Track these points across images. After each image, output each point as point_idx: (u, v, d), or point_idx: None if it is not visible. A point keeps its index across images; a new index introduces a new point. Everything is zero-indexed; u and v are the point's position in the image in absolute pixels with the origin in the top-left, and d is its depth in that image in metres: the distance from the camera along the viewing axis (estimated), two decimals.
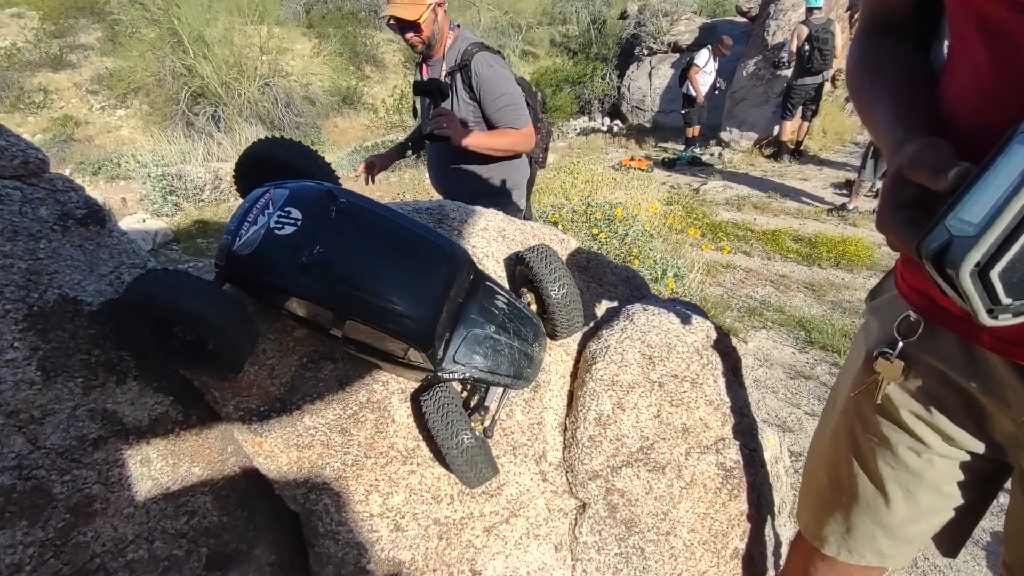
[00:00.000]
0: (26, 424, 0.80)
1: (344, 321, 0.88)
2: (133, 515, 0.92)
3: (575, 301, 1.11)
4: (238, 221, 0.89)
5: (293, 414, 1.03)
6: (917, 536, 1.09)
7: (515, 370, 1.04)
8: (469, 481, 1.03)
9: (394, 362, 0.96)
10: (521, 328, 1.05)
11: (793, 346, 4.49)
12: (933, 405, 0.93)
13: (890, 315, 0.96)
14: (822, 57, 7.54)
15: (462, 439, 0.98)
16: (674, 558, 1.30)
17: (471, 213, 1.28)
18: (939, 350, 0.89)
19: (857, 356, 1.05)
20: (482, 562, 1.14)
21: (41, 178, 0.85)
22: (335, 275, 0.86)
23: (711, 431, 1.33)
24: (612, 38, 13.67)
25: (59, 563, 0.82)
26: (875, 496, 1.05)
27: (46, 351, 0.82)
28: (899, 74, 0.83)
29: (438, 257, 0.94)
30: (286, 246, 0.85)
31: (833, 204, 6.86)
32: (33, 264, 0.82)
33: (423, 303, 0.90)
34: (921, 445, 0.97)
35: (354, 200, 0.91)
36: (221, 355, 0.88)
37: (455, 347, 0.99)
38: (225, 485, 1.07)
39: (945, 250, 0.52)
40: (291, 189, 0.90)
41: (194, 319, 0.81)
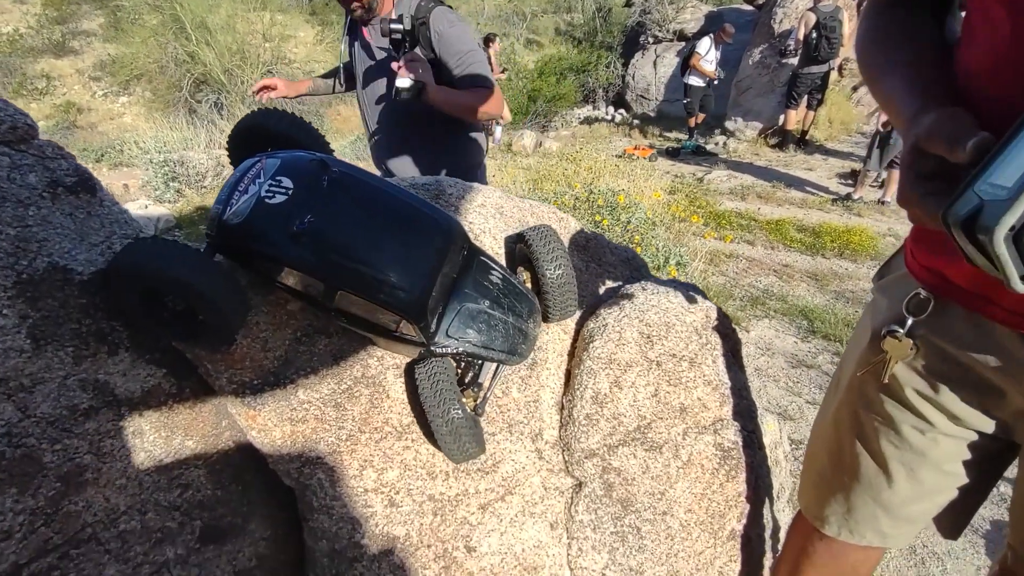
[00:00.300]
0: (15, 392, 0.80)
1: (336, 292, 0.87)
2: (125, 486, 0.92)
3: (570, 284, 1.10)
4: (229, 190, 0.88)
5: (287, 388, 1.02)
6: (918, 516, 1.08)
7: (509, 346, 1.03)
8: (453, 455, 1.02)
9: (386, 336, 0.95)
10: (516, 304, 1.04)
11: (795, 335, 4.48)
12: (940, 384, 0.92)
13: (899, 293, 0.94)
14: (829, 45, 7.46)
15: (450, 412, 0.97)
16: (670, 538, 1.30)
17: (468, 189, 1.26)
18: (949, 328, 0.88)
19: (863, 335, 1.03)
20: (477, 539, 1.14)
21: (30, 144, 0.84)
22: (326, 245, 0.84)
23: (709, 411, 1.32)
24: (617, 26, 13.56)
25: (50, 531, 0.81)
26: (877, 475, 1.05)
27: (36, 319, 0.82)
28: (912, 46, 0.82)
29: (432, 229, 0.92)
30: (277, 215, 0.84)
31: (838, 194, 6.82)
32: (22, 231, 0.81)
33: (416, 275, 0.89)
34: (926, 424, 0.96)
35: (347, 170, 0.90)
36: (212, 326, 0.87)
37: (448, 321, 0.98)
38: (219, 459, 1.07)
39: (976, 216, 0.51)
40: (283, 159, 0.89)
41: (183, 288, 0.80)
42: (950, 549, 2.76)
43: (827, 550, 1.20)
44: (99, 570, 0.87)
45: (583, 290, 1.39)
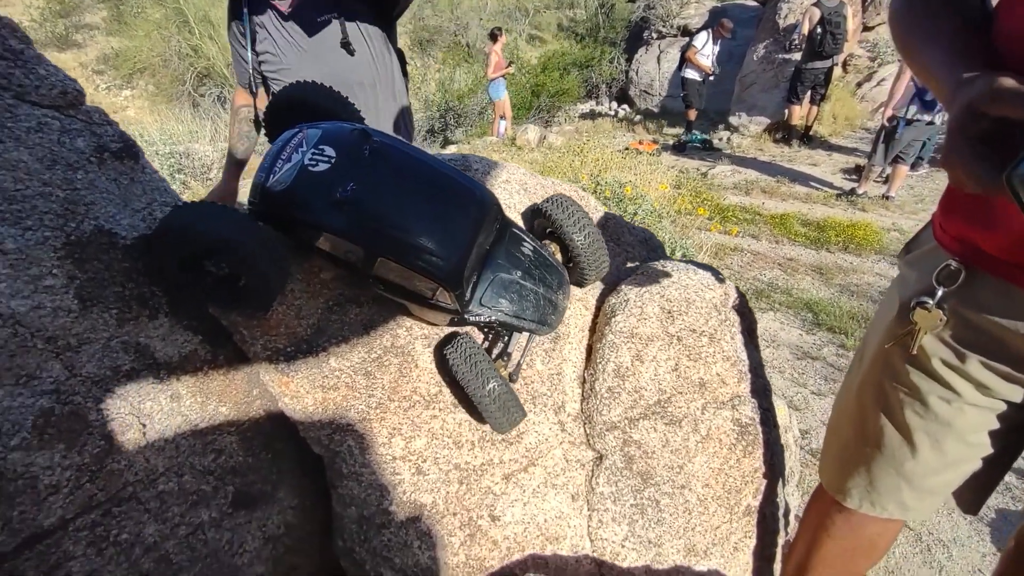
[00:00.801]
0: (63, 351, 0.82)
1: (375, 259, 0.89)
2: (163, 448, 0.94)
3: (599, 242, 1.12)
4: (272, 159, 0.89)
5: (319, 356, 1.04)
6: (940, 487, 1.10)
7: (540, 316, 1.05)
8: (501, 426, 1.05)
9: (422, 303, 0.97)
10: (546, 275, 1.06)
11: (800, 328, 4.50)
12: (968, 353, 0.94)
13: (928, 266, 0.96)
14: (834, 41, 7.46)
15: (492, 386, 1.00)
16: (688, 512, 1.32)
17: (493, 166, 1.28)
18: (980, 298, 0.90)
19: (890, 309, 1.05)
20: (501, 508, 1.16)
21: (78, 109, 0.86)
22: (368, 212, 0.86)
23: (727, 387, 1.34)
24: (620, 22, 13.56)
25: (94, 488, 0.84)
26: (901, 446, 1.06)
27: (83, 280, 0.84)
28: (951, 14, 0.83)
29: (468, 200, 0.94)
30: (320, 183, 0.86)
31: (842, 189, 6.83)
32: (71, 194, 0.83)
33: (453, 244, 0.91)
34: (952, 394, 0.98)
35: (386, 140, 0.92)
36: (252, 290, 0.89)
37: (482, 290, 1.00)
38: (250, 427, 1.09)
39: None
40: (324, 129, 0.91)
41: (231, 250, 0.82)
42: (956, 536, 2.79)
43: (846, 523, 1.23)
44: (139, 528, 0.89)
45: None
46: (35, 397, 0.78)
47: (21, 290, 0.78)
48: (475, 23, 15.71)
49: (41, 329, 0.79)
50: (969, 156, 0.64)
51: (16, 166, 0.78)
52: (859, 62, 9.26)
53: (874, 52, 9.20)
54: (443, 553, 1.10)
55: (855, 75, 9.20)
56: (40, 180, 0.80)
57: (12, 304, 0.76)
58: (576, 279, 1.17)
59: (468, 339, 1.03)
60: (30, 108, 0.80)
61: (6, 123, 0.77)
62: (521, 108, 11.30)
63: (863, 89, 8.93)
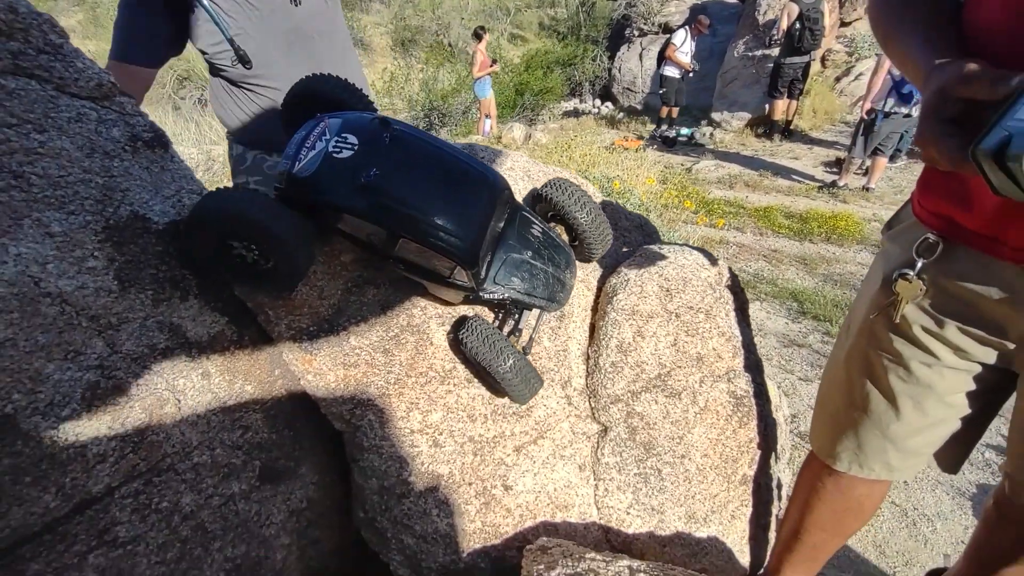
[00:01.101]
0: (105, 329, 0.86)
1: (397, 240, 0.95)
2: (196, 423, 0.99)
3: (601, 217, 1.18)
4: (297, 147, 0.95)
5: (340, 334, 1.09)
6: (923, 447, 1.18)
7: (549, 293, 1.11)
8: (522, 396, 1.11)
9: (439, 281, 1.02)
10: (555, 255, 1.12)
11: (786, 316, 4.61)
12: (946, 320, 1.02)
13: (908, 239, 1.04)
14: (813, 37, 7.62)
15: (511, 361, 1.06)
16: (688, 481, 1.39)
17: (498, 153, 1.34)
18: (957, 268, 0.98)
19: (874, 281, 1.13)
20: (513, 478, 1.22)
21: (112, 101, 0.90)
22: (390, 195, 0.92)
23: (723, 361, 1.41)
24: (602, 20, 13.67)
25: (137, 458, 0.88)
26: (887, 410, 1.14)
27: (121, 263, 0.88)
28: (927, 3, 0.91)
29: (481, 183, 1.00)
30: (344, 168, 0.91)
31: (824, 181, 6.99)
32: (108, 181, 0.88)
33: (470, 224, 0.97)
34: (932, 358, 1.06)
35: (404, 128, 0.97)
36: (279, 271, 0.94)
37: (495, 269, 1.06)
38: (273, 405, 1.14)
39: (1005, 146, 0.59)
40: (345, 118, 0.96)
41: (263, 231, 0.87)
42: (939, 511, 2.90)
43: (836, 486, 1.30)
44: (177, 497, 0.94)
45: None
46: (82, 371, 0.83)
47: (67, 271, 0.82)
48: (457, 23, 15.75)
49: (85, 308, 0.84)
50: (940, 134, 0.71)
51: (60, 154, 0.82)
52: (837, 57, 9.45)
53: (851, 47, 9.39)
54: (460, 520, 1.16)
55: (833, 70, 9.38)
56: (81, 167, 0.85)
57: (60, 284, 0.81)
58: (584, 255, 1.23)
59: (480, 320, 1.09)
60: (70, 99, 0.85)
61: (50, 114, 0.82)
62: (506, 107, 11.37)
63: (841, 84, 9.12)
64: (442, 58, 14.50)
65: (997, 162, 0.60)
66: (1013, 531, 1.20)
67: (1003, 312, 0.95)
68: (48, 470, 0.79)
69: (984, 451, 3.22)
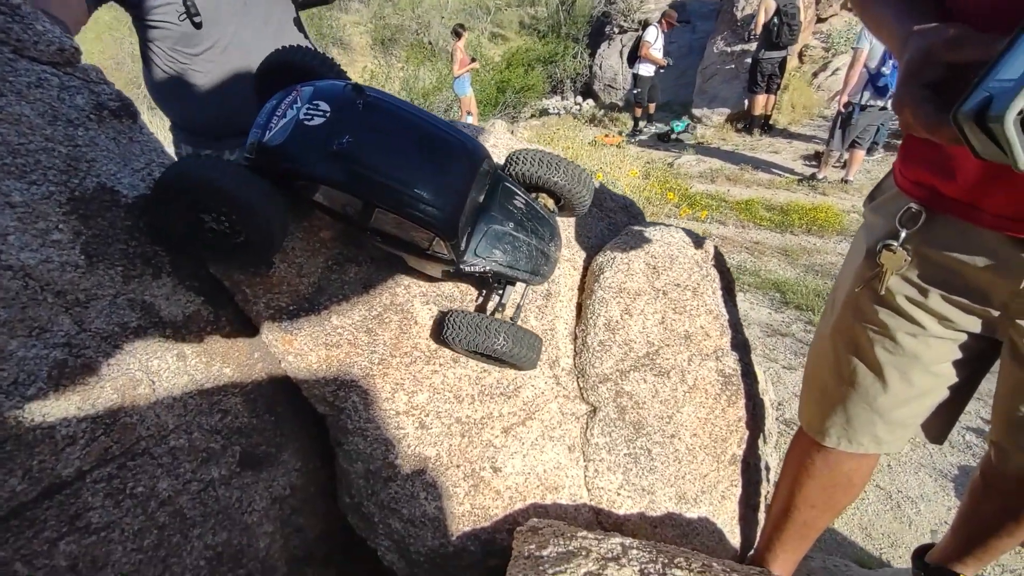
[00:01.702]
0: (72, 306, 0.82)
1: (372, 210, 0.92)
2: (172, 406, 0.95)
3: (575, 169, 1.14)
4: (267, 116, 0.91)
5: (321, 314, 1.06)
6: (910, 418, 1.18)
7: (532, 266, 1.08)
8: (530, 361, 1.10)
9: (418, 254, 0.99)
10: (538, 227, 1.09)
11: (769, 307, 4.65)
12: (931, 289, 1.01)
13: (891, 210, 1.04)
14: (790, 32, 7.70)
15: (501, 335, 1.04)
16: (678, 461, 1.38)
17: (480, 131, 1.32)
18: (939, 236, 0.97)
19: (858, 254, 1.12)
20: (501, 460, 1.19)
21: (76, 67, 0.86)
22: (364, 163, 0.89)
23: (711, 340, 1.40)
24: (582, 18, 13.70)
25: (109, 440, 0.85)
26: (874, 383, 1.14)
27: (88, 236, 0.85)
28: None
29: (460, 152, 0.97)
30: (316, 136, 0.88)
31: (803, 175, 7.06)
32: (72, 150, 0.84)
33: (448, 194, 0.94)
34: (918, 328, 1.06)
35: (379, 95, 0.94)
36: (252, 244, 0.90)
37: (476, 241, 1.03)
38: (253, 389, 1.10)
39: (985, 108, 0.58)
40: (317, 86, 0.93)
41: (230, 199, 0.83)
42: (923, 493, 2.93)
43: (825, 462, 1.30)
44: (154, 482, 0.90)
45: (588, 230, 1.46)
46: (48, 349, 0.79)
47: (29, 243, 0.78)
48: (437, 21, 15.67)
49: (50, 283, 0.80)
50: (920, 99, 0.70)
51: (19, 120, 0.78)
52: (814, 52, 9.56)
53: (828, 43, 9.51)
54: (449, 503, 1.14)
55: (811, 65, 9.49)
56: (42, 135, 0.81)
57: (22, 256, 0.77)
58: (575, 209, 1.19)
59: (458, 312, 1.07)
60: (29, 63, 0.81)
61: (7, 77, 0.78)
62: (487, 105, 11.34)
63: (819, 78, 9.22)
64: (422, 57, 14.42)
65: (979, 124, 0.59)
66: (999, 501, 1.21)
67: (986, 279, 0.94)
68: (13, 452, 0.75)
69: (965, 434, 3.26)
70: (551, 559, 0.96)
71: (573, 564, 0.94)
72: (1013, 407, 1.04)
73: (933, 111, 0.68)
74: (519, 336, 1.05)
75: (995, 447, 1.14)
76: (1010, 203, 0.86)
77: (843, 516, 2.77)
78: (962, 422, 3.32)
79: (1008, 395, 1.05)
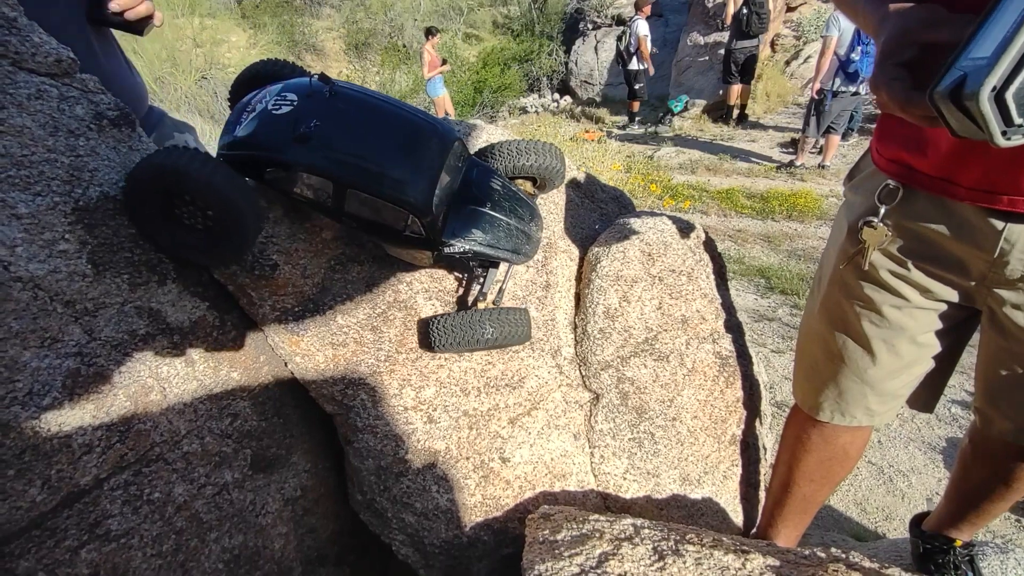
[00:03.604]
0: (82, 315, 0.83)
1: (345, 192, 0.92)
2: (183, 411, 0.95)
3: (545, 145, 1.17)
4: (237, 114, 0.93)
5: (326, 314, 1.07)
6: (899, 389, 1.21)
7: (513, 244, 1.09)
8: (522, 336, 1.12)
9: (396, 237, 0.99)
10: (517, 207, 1.10)
11: (755, 293, 4.71)
12: (911, 261, 1.05)
13: (870, 188, 1.07)
14: (759, 20, 7.79)
15: (487, 324, 1.05)
16: (680, 443, 1.40)
17: (471, 128, 1.33)
18: (917, 211, 1.01)
19: (840, 232, 1.16)
20: (509, 451, 1.21)
21: (74, 78, 0.86)
22: (333, 145, 0.89)
23: (707, 323, 1.43)
24: (555, 15, 13.74)
25: (124, 448, 0.85)
26: (863, 356, 1.17)
27: (94, 246, 0.85)
28: None
29: (429, 132, 0.98)
30: (283, 122, 0.89)
31: (781, 162, 7.15)
32: (75, 160, 0.84)
33: (419, 171, 0.94)
34: (902, 300, 1.09)
35: (347, 85, 0.96)
36: (225, 233, 0.89)
37: (454, 222, 1.04)
38: (261, 392, 1.11)
39: (960, 86, 0.60)
40: (286, 82, 0.95)
41: (201, 187, 0.83)
42: (913, 467, 3.00)
43: (820, 436, 1.33)
44: (169, 488, 0.91)
45: (581, 221, 1.48)
46: (61, 359, 0.79)
47: (37, 254, 0.78)
48: (410, 24, 15.61)
49: (59, 293, 0.80)
50: (894, 78, 0.73)
51: (21, 132, 0.78)
52: (786, 41, 9.69)
53: (799, 31, 9.64)
54: (460, 495, 1.15)
55: (783, 54, 9.62)
56: (44, 146, 0.81)
57: (30, 268, 0.77)
58: (554, 182, 1.22)
59: (440, 317, 1.08)
60: (27, 75, 0.81)
61: (7, 89, 0.78)
62: (465, 105, 11.35)
63: (792, 67, 9.35)
64: (397, 60, 14.37)
65: (955, 102, 0.61)
66: (987, 467, 1.25)
67: (963, 251, 0.98)
68: (32, 462, 0.75)
69: (951, 407, 3.34)
70: (566, 542, 0.98)
71: (588, 546, 0.96)
72: (993, 373, 1.08)
73: (909, 90, 0.70)
74: (504, 318, 1.07)
75: (979, 414, 1.18)
76: (982, 177, 0.89)
77: (838, 493, 2.83)
78: (948, 395, 3.41)
79: (988, 362, 1.09)
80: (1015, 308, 0.97)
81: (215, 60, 13.29)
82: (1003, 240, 0.91)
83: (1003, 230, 0.90)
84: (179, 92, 12.13)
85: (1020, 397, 1.06)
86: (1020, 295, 0.96)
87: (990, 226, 0.92)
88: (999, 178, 0.87)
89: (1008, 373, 1.05)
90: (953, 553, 1.40)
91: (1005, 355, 1.04)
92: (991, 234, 0.92)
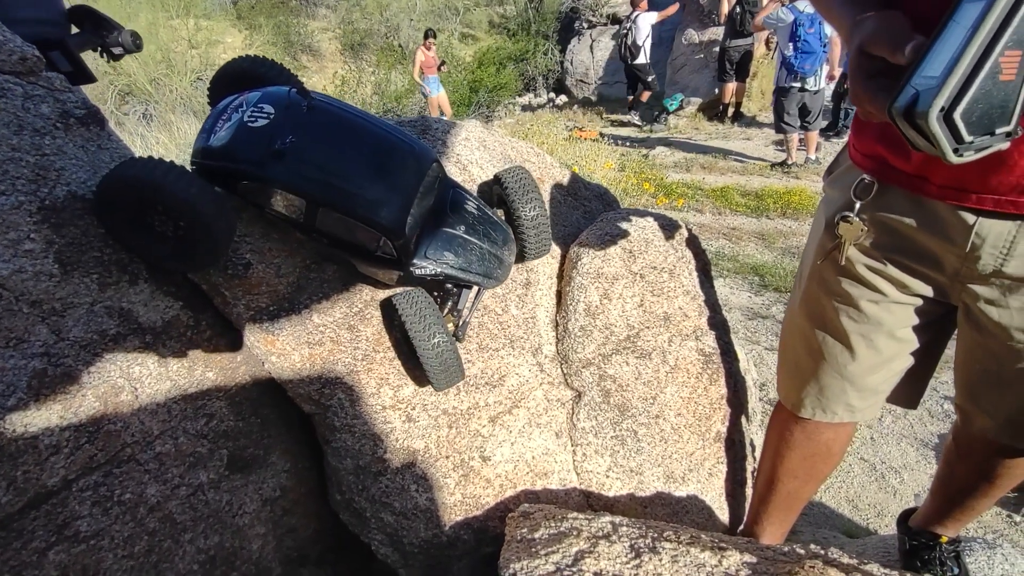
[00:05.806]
0: (48, 315, 0.82)
1: (317, 210, 0.91)
2: (156, 412, 0.95)
3: (545, 224, 1.16)
4: (212, 121, 0.92)
5: (302, 313, 1.07)
6: (880, 384, 1.21)
7: (485, 269, 1.08)
8: (439, 383, 1.07)
9: (367, 257, 0.99)
10: (491, 231, 1.09)
11: (749, 291, 4.71)
12: (887, 256, 1.05)
13: (846, 183, 1.07)
14: (753, 19, 7.80)
15: (437, 340, 1.01)
16: (664, 441, 1.40)
17: (452, 125, 1.33)
18: (892, 206, 1.01)
19: (819, 227, 1.16)
20: (490, 449, 1.21)
21: (39, 76, 0.86)
22: (307, 162, 0.89)
23: (690, 320, 1.43)
24: (551, 14, 13.74)
25: (93, 448, 0.84)
26: (842, 352, 1.17)
27: (61, 245, 0.84)
28: None
29: (406, 152, 0.97)
30: (259, 136, 0.88)
31: (775, 160, 7.16)
32: (40, 159, 0.83)
33: (394, 193, 0.94)
34: (879, 295, 1.09)
35: (325, 99, 0.95)
36: (197, 241, 0.89)
37: (426, 244, 1.03)
38: (237, 392, 1.10)
39: (913, 104, 0.60)
40: (264, 91, 0.94)
41: (175, 202, 0.83)
42: (905, 463, 3.00)
43: (803, 433, 1.33)
44: (141, 488, 0.90)
45: (564, 219, 1.47)
46: (26, 359, 0.78)
47: (1, 254, 0.78)
48: (406, 24, 15.59)
49: (25, 293, 0.79)
50: (869, 90, 0.72)
51: None
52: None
53: None
54: (440, 494, 1.15)
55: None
56: (8, 145, 0.80)
57: None
58: (520, 251, 1.20)
59: (419, 292, 1.06)
60: None
61: None
62: (461, 105, 11.32)
63: None
64: (393, 60, 14.34)
65: (908, 120, 0.62)
66: (971, 463, 1.24)
67: (937, 246, 0.98)
68: None
69: (943, 403, 3.34)
70: (543, 540, 0.98)
71: (565, 544, 0.95)
72: (971, 370, 1.08)
73: (881, 102, 0.70)
74: (447, 354, 1.03)
75: (960, 411, 1.18)
76: (953, 175, 0.89)
77: (830, 489, 2.82)
78: (940, 391, 3.40)
79: (966, 359, 1.09)
80: (989, 303, 0.97)
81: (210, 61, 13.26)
82: (974, 235, 0.91)
83: (974, 224, 0.90)
84: (174, 94, 12.10)
85: (998, 393, 1.06)
86: (993, 290, 0.96)
87: (961, 220, 0.92)
88: (968, 176, 0.87)
89: (985, 369, 1.05)
90: (939, 549, 1.40)
91: (981, 351, 1.04)
92: (962, 228, 0.92)
